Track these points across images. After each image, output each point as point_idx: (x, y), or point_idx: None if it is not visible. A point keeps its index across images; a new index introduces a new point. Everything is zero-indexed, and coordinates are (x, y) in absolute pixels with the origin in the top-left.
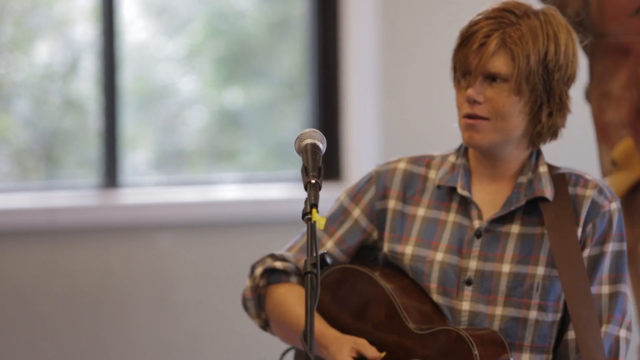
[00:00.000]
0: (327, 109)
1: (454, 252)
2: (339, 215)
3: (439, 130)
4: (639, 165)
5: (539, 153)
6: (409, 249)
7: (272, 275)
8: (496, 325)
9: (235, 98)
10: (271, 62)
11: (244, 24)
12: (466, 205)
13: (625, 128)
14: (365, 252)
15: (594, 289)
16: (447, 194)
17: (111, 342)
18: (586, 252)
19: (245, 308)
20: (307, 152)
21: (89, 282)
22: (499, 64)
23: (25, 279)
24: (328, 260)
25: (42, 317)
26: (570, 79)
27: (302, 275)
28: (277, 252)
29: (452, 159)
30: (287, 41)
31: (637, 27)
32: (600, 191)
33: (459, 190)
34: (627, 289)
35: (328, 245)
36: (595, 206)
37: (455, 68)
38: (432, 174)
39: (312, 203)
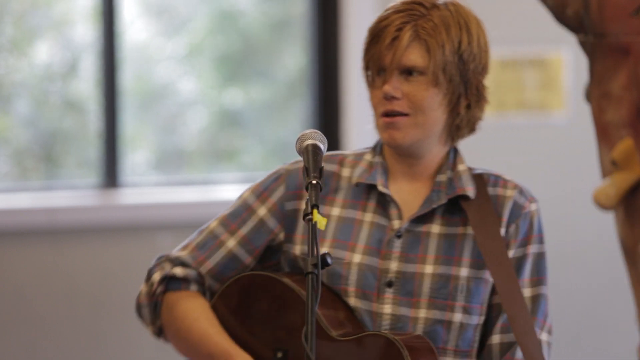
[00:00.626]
0: (327, 109)
1: (373, 254)
2: (242, 212)
3: None
4: (639, 165)
5: (456, 152)
6: (324, 251)
7: (171, 283)
8: (420, 329)
9: (235, 98)
10: (271, 62)
11: (244, 23)
12: (384, 205)
13: (625, 128)
14: (269, 254)
15: None
16: (364, 193)
17: (111, 342)
18: (510, 254)
19: (139, 315)
20: (308, 152)
21: (89, 282)
22: (414, 56)
23: (25, 279)
24: (329, 260)
25: (42, 317)
26: (484, 69)
27: (202, 283)
28: (173, 253)
29: (368, 157)
30: (287, 41)
31: (637, 27)
32: (521, 192)
33: (380, 188)
34: (547, 290)
35: (230, 244)
36: (517, 207)
37: (367, 66)
38: (346, 172)
39: (313, 203)
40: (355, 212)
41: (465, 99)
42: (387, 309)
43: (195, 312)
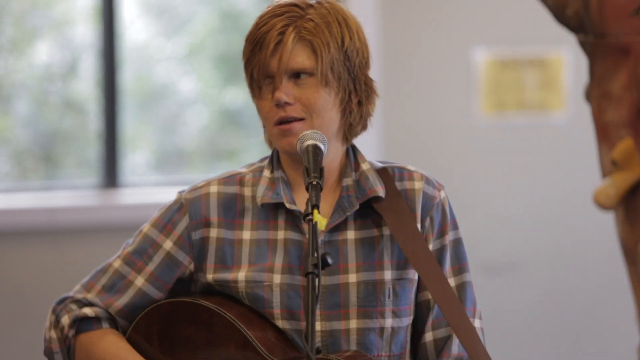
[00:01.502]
0: None
1: (294, 272)
2: (147, 248)
3: (439, 130)
4: (639, 165)
5: (355, 149)
6: (242, 275)
7: (82, 324)
8: (353, 340)
9: (235, 98)
10: None
11: (244, 23)
12: (294, 220)
13: (625, 128)
14: (179, 286)
15: None
16: (271, 211)
17: None
18: (430, 248)
19: None
20: (309, 153)
21: None
22: (301, 59)
23: (25, 279)
24: (329, 261)
25: (42, 317)
26: (367, 64)
27: (113, 319)
28: (77, 295)
29: (267, 173)
30: None
31: (637, 27)
32: (428, 181)
33: (288, 206)
34: (470, 277)
35: (138, 282)
36: (428, 198)
37: (252, 76)
38: (248, 192)
39: (313, 204)
40: (267, 232)
41: (355, 95)
42: (317, 325)
43: (114, 346)
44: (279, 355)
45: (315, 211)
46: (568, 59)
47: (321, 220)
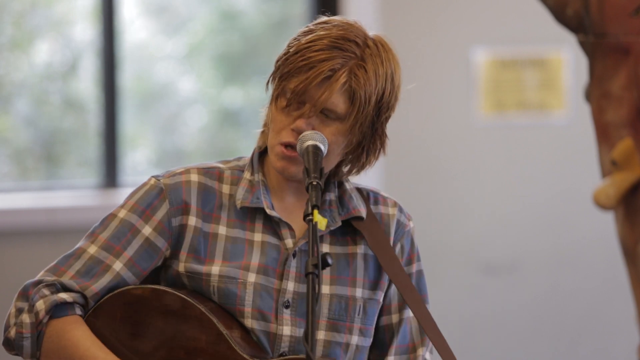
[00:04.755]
0: None
1: (269, 273)
2: (126, 232)
3: (438, 130)
4: (639, 165)
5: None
6: (215, 269)
7: (58, 309)
8: (319, 352)
9: (234, 97)
10: (271, 62)
11: (244, 23)
12: (273, 225)
13: (625, 128)
14: (152, 275)
15: (405, 313)
16: (249, 214)
17: None
18: None
19: (17, 347)
20: (309, 153)
21: None
22: (337, 101)
23: (25, 279)
24: (329, 261)
25: None
26: (389, 117)
27: (85, 306)
28: (48, 278)
29: (247, 175)
30: (287, 41)
31: (637, 27)
32: (401, 210)
33: (268, 212)
34: (428, 308)
35: (117, 267)
36: (400, 225)
37: (283, 87)
38: (226, 189)
39: (313, 204)
40: (244, 232)
41: (365, 143)
42: (287, 330)
43: (88, 339)
44: (248, 352)
45: (316, 211)
46: (568, 59)
47: (321, 220)
